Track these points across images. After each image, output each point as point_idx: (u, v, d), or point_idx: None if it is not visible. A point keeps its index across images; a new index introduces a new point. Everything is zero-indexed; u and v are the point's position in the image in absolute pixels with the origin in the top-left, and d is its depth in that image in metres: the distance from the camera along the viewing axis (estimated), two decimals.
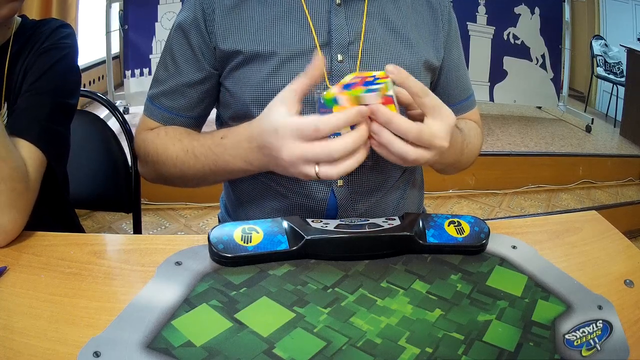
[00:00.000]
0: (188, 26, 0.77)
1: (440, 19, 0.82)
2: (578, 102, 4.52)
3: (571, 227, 0.76)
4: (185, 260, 0.61)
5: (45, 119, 0.74)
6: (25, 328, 0.49)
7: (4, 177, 0.64)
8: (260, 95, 0.74)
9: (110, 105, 1.14)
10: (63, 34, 0.80)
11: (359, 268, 0.62)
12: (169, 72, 0.79)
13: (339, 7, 0.75)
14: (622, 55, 3.95)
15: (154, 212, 2.30)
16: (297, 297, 0.56)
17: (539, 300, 0.58)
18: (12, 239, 0.64)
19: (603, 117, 4.31)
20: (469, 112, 0.91)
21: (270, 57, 0.73)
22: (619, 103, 4.04)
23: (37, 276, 0.57)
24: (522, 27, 3.54)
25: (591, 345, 0.52)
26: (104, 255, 0.63)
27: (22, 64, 0.77)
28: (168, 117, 0.81)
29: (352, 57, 0.76)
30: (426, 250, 0.65)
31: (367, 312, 0.55)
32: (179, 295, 0.55)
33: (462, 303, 0.57)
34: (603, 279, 0.64)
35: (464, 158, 0.81)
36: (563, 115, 4.03)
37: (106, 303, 0.54)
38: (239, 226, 0.63)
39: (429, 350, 0.50)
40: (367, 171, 0.78)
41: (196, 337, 0.49)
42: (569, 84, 3.91)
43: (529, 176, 2.86)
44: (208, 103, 0.82)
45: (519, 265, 0.65)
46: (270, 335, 0.50)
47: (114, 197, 1.11)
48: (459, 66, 0.87)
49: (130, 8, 2.91)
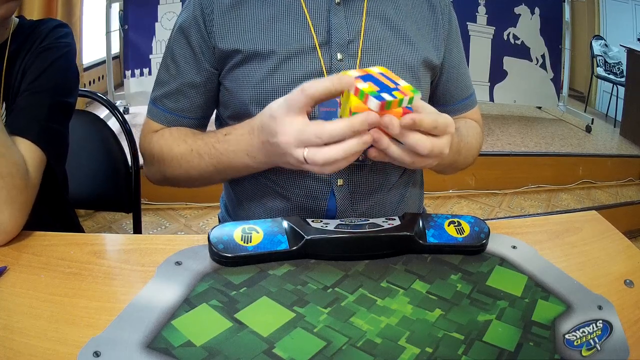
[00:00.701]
0: (188, 27, 0.77)
1: (441, 18, 0.82)
2: (578, 102, 4.51)
3: (571, 227, 0.75)
4: (185, 260, 0.61)
5: (44, 118, 0.74)
6: (25, 328, 0.49)
7: (3, 174, 0.64)
8: (259, 94, 0.74)
9: (110, 105, 1.14)
10: (61, 34, 0.80)
11: (359, 268, 0.62)
12: (170, 74, 0.80)
13: (338, 5, 0.75)
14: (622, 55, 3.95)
15: (154, 212, 2.30)
16: (297, 297, 0.56)
17: (539, 300, 0.58)
18: (11, 238, 0.63)
19: (603, 117, 4.31)
20: (470, 111, 0.91)
21: (270, 56, 0.73)
22: (619, 103, 4.04)
23: (37, 276, 0.57)
24: (522, 27, 3.54)
25: (591, 345, 0.52)
26: (104, 255, 0.63)
27: (20, 63, 0.77)
28: (171, 119, 0.81)
29: (352, 55, 0.75)
30: (426, 250, 0.65)
31: (367, 312, 0.55)
32: (179, 295, 0.55)
33: (462, 303, 0.57)
34: (603, 279, 0.64)
35: (462, 158, 0.81)
36: (563, 115, 4.03)
37: (106, 303, 0.54)
38: (239, 226, 0.63)
39: (429, 350, 0.50)
40: (367, 171, 0.78)
41: (196, 337, 0.49)
42: (569, 84, 3.91)
43: (529, 176, 2.86)
44: (211, 103, 0.82)
45: (519, 265, 0.65)
46: (270, 335, 0.50)
47: (114, 197, 1.11)
48: (460, 65, 0.87)
49: (130, 8, 2.91)
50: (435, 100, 0.87)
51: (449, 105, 0.88)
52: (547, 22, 3.59)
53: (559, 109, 3.84)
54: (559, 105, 3.79)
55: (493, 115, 3.90)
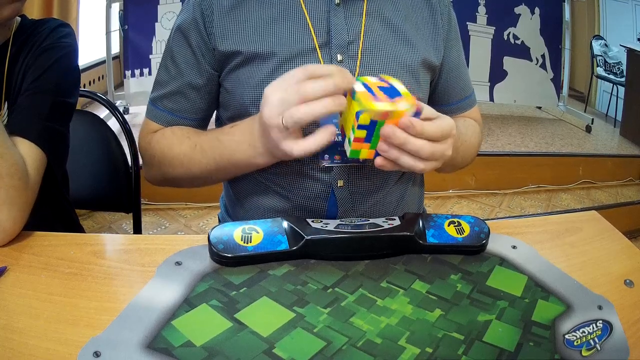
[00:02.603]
0: (187, 28, 0.77)
1: (440, 18, 0.82)
2: (578, 102, 4.52)
3: (571, 227, 0.75)
4: (185, 260, 0.61)
5: (45, 117, 0.74)
6: (25, 328, 0.49)
7: (2, 175, 0.64)
8: (259, 95, 0.73)
9: (110, 105, 1.14)
10: (62, 33, 0.80)
11: (359, 268, 0.62)
12: (170, 75, 0.80)
13: (338, 7, 0.75)
14: (622, 55, 3.95)
15: (154, 212, 2.30)
16: (297, 297, 0.56)
17: (539, 300, 0.58)
18: (11, 238, 0.63)
19: (603, 117, 4.31)
20: (469, 111, 0.91)
21: (270, 58, 0.73)
22: (619, 103, 4.04)
23: (37, 276, 0.57)
24: (522, 27, 3.54)
25: (591, 345, 0.52)
26: (104, 255, 0.63)
27: (21, 63, 0.77)
28: (171, 120, 0.81)
29: (352, 56, 0.75)
30: (426, 250, 0.65)
31: (367, 312, 0.55)
32: (179, 295, 0.55)
33: (462, 303, 0.57)
34: (603, 279, 0.64)
35: (459, 156, 0.82)
36: (563, 115, 4.03)
37: (106, 303, 0.54)
38: (239, 226, 0.63)
39: (429, 350, 0.50)
40: (367, 172, 0.78)
41: (196, 337, 0.49)
42: (569, 84, 3.91)
43: (529, 176, 2.86)
44: (210, 104, 0.82)
45: (519, 265, 0.65)
46: (270, 335, 0.50)
47: (114, 197, 1.11)
48: (459, 65, 0.87)
49: (130, 8, 2.91)
50: (434, 100, 0.87)
51: (449, 105, 0.88)
52: (547, 22, 3.59)
53: (559, 109, 3.84)
54: (559, 105, 3.79)
55: (493, 115, 3.90)
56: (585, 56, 4.44)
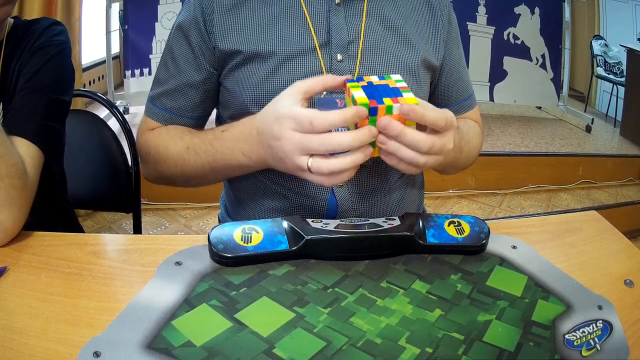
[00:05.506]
0: (188, 26, 0.77)
1: (440, 19, 0.82)
2: (578, 102, 4.51)
3: (571, 227, 0.75)
4: (185, 260, 0.61)
5: (41, 116, 0.74)
6: (25, 328, 0.49)
7: (1, 175, 0.64)
8: (260, 95, 0.74)
9: (110, 105, 1.14)
10: (55, 32, 0.80)
11: (359, 268, 0.62)
12: (169, 73, 0.80)
13: (338, 6, 0.75)
14: (622, 55, 3.95)
15: (154, 212, 2.30)
16: (297, 297, 0.56)
17: (539, 300, 0.58)
18: (11, 237, 0.63)
19: (603, 117, 4.31)
20: (469, 112, 0.91)
21: (270, 57, 0.73)
22: (619, 103, 4.04)
23: (37, 276, 0.57)
24: (522, 27, 3.54)
25: (591, 345, 0.52)
26: (104, 255, 0.63)
27: (15, 63, 0.77)
28: (169, 118, 0.81)
29: (352, 56, 0.76)
30: (426, 250, 0.65)
31: (367, 312, 0.55)
32: (179, 295, 0.55)
33: (462, 303, 0.57)
34: (603, 279, 0.64)
35: (463, 156, 0.81)
36: (563, 115, 4.03)
37: (106, 303, 0.54)
38: (239, 226, 0.63)
39: (429, 350, 0.50)
40: (367, 172, 0.78)
41: (196, 337, 0.49)
42: (569, 84, 3.91)
43: (529, 176, 2.86)
44: (209, 103, 0.82)
45: (519, 265, 0.65)
46: (270, 335, 0.50)
47: (114, 197, 1.11)
48: (459, 66, 0.87)
49: (130, 8, 2.91)
50: (434, 101, 0.87)
51: (449, 105, 0.88)
52: (547, 22, 3.59)
53: (559, 109, 3.84)
54: (559, 105, 3.79)
55: (493, 115, 3.90)
56: (585, 56, 4.44)
